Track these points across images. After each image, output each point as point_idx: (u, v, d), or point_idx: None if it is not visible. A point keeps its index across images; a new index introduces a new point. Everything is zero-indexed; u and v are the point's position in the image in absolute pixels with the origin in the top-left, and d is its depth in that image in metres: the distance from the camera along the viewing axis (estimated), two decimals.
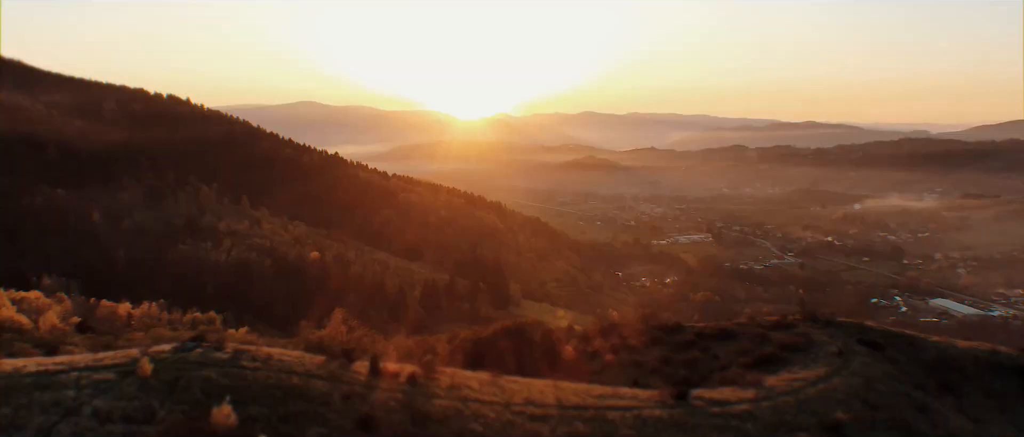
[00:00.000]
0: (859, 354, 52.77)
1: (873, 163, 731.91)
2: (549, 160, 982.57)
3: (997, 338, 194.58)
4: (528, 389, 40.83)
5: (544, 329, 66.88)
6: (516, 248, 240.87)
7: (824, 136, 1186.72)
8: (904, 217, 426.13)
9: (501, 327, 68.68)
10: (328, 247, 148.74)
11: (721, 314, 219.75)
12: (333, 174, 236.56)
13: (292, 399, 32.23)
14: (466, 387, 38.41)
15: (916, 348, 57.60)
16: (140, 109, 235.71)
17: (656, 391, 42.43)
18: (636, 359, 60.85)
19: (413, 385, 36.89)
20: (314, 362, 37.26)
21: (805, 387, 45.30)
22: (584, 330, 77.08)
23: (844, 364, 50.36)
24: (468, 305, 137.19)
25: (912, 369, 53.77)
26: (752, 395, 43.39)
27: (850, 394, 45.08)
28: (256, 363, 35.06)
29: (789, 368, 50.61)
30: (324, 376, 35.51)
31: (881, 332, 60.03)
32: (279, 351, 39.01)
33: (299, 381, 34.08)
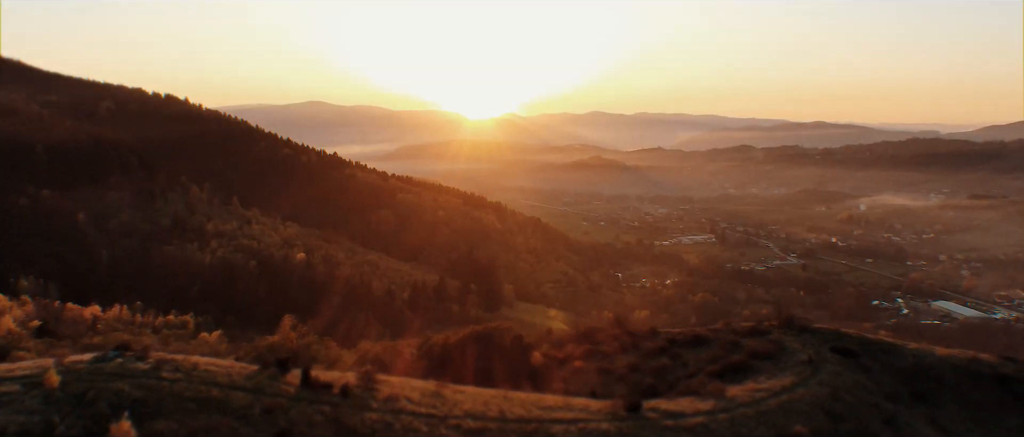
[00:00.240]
0: (830, 362, 51.03)
1: (880, 163, 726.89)
2: (555, 160, 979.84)
3: (998, 341, 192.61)
4: (473, 400, 39.26)
5: (514, 335, 65.37)
6: (514, 249, 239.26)
7: (833, 136, 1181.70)
8: (910, 218, 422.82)
9: (470, 332, 67.31)
10: (318, 248, 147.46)
11: (719, 316, 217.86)
12: (330, 174, 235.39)
13: (206, 412, 30.76)
14: (404, 399, 36.85)
15: (892, 356, 55.81)
16: (137, 109, 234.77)
17: (609, 402, 40.83)
18: (605, 366, 59.32)
19: (345, 397, 35.38)
20: (243, 372, 35.80)
21: (768, 398, 43.59)
22: (558, 335, 75.61)
23: (812, 373, 48.62)
24: (457, 307, 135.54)
25: (885, 378, 51.99)
26: (710, 406, 41.73)
27: (814, 405, 43.35)
28: (178, 374, 33.62)
29: (756, 377, 48.95)
30: (249, 388, 34.03)
31: (857, 339, 58.22)
32: (209, 361, 37.58)
33: (219, 393, 32.61)
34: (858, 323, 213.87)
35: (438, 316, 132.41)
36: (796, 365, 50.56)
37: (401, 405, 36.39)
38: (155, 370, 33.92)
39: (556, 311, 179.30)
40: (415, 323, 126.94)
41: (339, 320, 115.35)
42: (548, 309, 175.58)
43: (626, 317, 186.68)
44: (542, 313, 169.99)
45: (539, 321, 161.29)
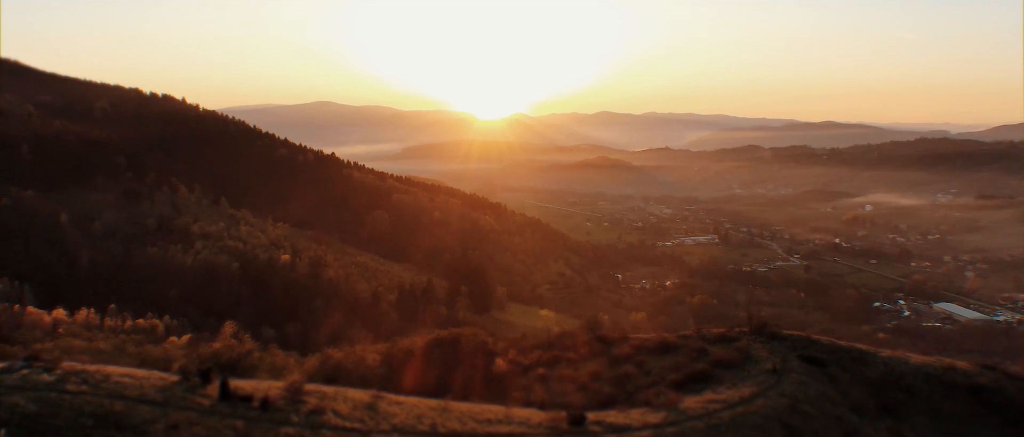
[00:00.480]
0: (795, 372, 49.11)
1: (888, 164, 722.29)
2: (561, 160, 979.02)
3: (999, 344, 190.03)
4: (407, 413, 37.60)
5: (479, 340, 63.69)
6: (511, 250, 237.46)
7: (842, 136, 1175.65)
8: (916, 218, 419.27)
9: (435, 338, 65.61)
10: (306, 250, 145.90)
11: (717, 318, 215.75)
12: (327, 175, 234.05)
13: (102, 428, 29.21)
14: (331, 411, 35.20)
15: (863, 365, 53.82)
16: (133, 109, 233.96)
17: (551, 415, 39.19)
18: (568, 373, 57.52)
19: (264, 410, 33.74)
20: (157, 384, 34.24)
21: (722, 410, 41.76)
22: (528, 341, 73.90)
23: (775, 383, 46.76)
24: (445, 309, 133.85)
25: (853, 388, 50.07)
26: (660, 419, 39.99)
27: (770, 417, 41.52)
28: (83, 387, 32.10)
29: (715, 387, 47.12)
30: (158, 401, 32.44)
31: (827, 347, 56.15)
32: (125, 371, 36.01)
33: (123, 407, 31.03)
34: (858, 325, 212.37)
35: (425, 319, 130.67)
36: (760, 374, 48.69)
37: (325, 419, 34.76)
38: (60, 382, 32.36)
39: (549, 313, 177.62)
40: (401, 326, 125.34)
41: (320, 323, 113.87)
42: (541, 311, 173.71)
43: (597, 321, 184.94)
44: (535, 315, 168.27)
45: (531, 323, 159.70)
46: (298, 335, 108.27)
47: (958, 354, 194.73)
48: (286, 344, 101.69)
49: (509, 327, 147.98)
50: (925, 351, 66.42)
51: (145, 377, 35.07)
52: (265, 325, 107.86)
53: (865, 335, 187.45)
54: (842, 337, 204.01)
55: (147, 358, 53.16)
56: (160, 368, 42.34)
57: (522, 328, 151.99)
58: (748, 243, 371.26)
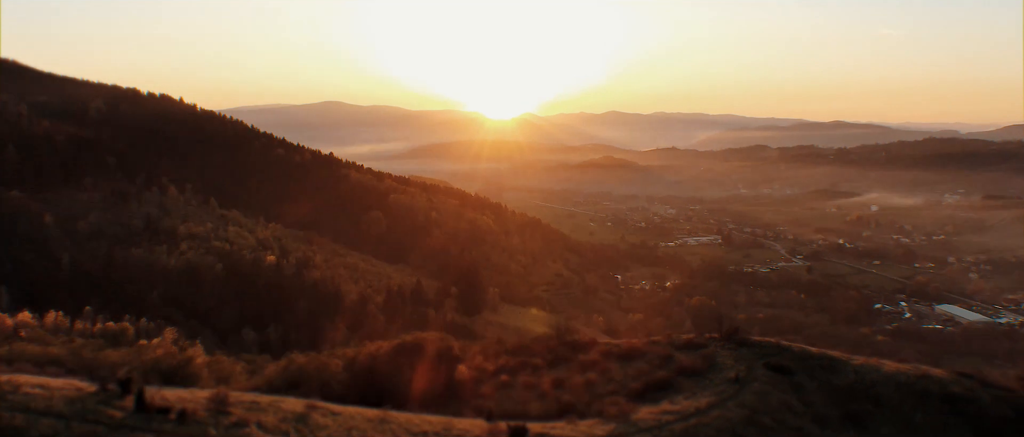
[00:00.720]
0: (758, 381, 47.48)
1: (895, 163, 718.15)
2: (568, 160, 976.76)
3: (1000, 346, 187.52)
4: (340, 425, 36.10)
5: (443, 346, 62.20)
6: (508, 251, 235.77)
7: (852, 136, 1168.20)
8: (921, 219, 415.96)
9: (399, 344, 64.08)
10: (295, 251, 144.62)
11: (715, 319, 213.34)
12: (323, 175, 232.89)
13: None
14: (254, 424, 33.64)
15: (832, 373, 52.07)
16: (129, 109, 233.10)
17: (492, 427, 37.66)
18: (531, 380, 55.98)
19: (181, 423, 32.18)
20: (70, 395, 32.78)
21: (675, 421, 40.20)
22: (497, 346, 72.30)
23: (735, 393, 45.16)
24: (433, 311, 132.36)
25: (819, 398, 48.35)
26: (607, 431, 38.46)
27: (723, 430, 39.90)
28: None
29: (674, 397, 45.53)
30: (66, 414, 30.93)
31: (797, 354, 54.38)
32: (37, 381, 34.55)
33: (23, 421, 29.51)
34: (857, 327, 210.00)
35: (413, 321, 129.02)
36: (721, 383, 47.14)
37: (247, 432, 33.18)
38: None
39: (543, 314, 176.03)
40: (387, 329, 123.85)
41: (302, 326, 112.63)
42: (535, 312, 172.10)
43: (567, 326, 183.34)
44: (528, 317, 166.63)
45: (523, 325, 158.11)
46: (279, 338, 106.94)
47: (958, 357, 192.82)
48: (267, 347, 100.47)
49: (499, 329, 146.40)
50: (901, 359, 64.66)
51: (60, 387, 33.60)
52: (247, 327, 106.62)
53: (864, 337, 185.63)
54: (841, 340, 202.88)
55: (92, 364, 51.53)
56: (100, 375, 40.97)
57: (513, 330, 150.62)
58: (751, 244, 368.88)
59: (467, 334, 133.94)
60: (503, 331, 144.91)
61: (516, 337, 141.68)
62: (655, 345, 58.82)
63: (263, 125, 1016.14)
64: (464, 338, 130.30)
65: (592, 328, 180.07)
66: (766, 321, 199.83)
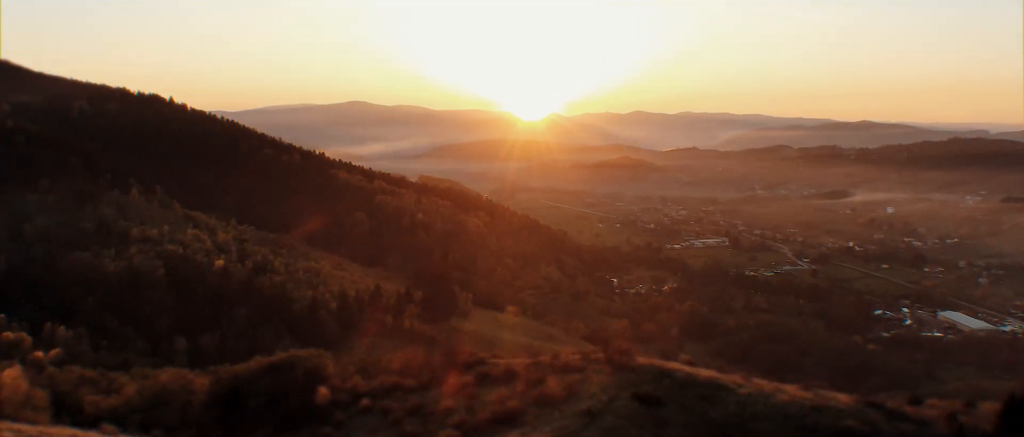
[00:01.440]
0: (615, 414, 42.44)
1: (918, 164, 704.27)
2: (586, 160, 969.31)
3: (999, 356, 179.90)
4: None
5: (311, 366, 57.71)
6: (498, 253, 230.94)
7: (878, 136, 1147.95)
8: (937, 221, 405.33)
9: (266, 364, 59.75)
10: (256, 253, 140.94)
11: (705, 325, 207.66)
12: (310, 175, 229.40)
13: None
14: None
15: (712, 404, 46.75)
16: (114, 109, 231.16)
17: None
18: (391, 406, 51.38)
19: None
20: None
21: None
22: (379, 365, 67.55)
23: (580, 428, 40.28)
24: (391, 318, 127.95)
25: (685, 433, 43.37)
26: None
27: None
28: None
29: (510, 432, 40.78)
30: None
31: (680, 380, 48.78)
32: None
33: None
34: (851, 335, 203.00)
35: (367, 328, 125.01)
36: (570, 416, 42.20)
37: None
38: None
39: (521, 319, 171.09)
40: (339, 336, 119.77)
41: (241, 334, 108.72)
42: (511, 318, 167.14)
43: (454, 347, 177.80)
44: (501, 322, 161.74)
45: (492, 332, 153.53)
46: (214, 347, 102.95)
47: (955, 367, 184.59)
48: (198, 357, 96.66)
49: (464, 336, 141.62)
50: (803, 385, 59.10)
51: None
52: (179, 335, 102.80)
53: (854, 346, 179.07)
54: (831, 348, 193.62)
55: None
56: None
57: (480, 337, 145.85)
58: (759, 246, 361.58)
59: (425, 342, 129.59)
60: (468, 338, 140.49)
61: (480, 345, 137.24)
62: (536, 366, 53.91)
63: (288, 125, 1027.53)
64: (420, 346, 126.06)
65: (570, 335, 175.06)
66: (757, 327, 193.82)
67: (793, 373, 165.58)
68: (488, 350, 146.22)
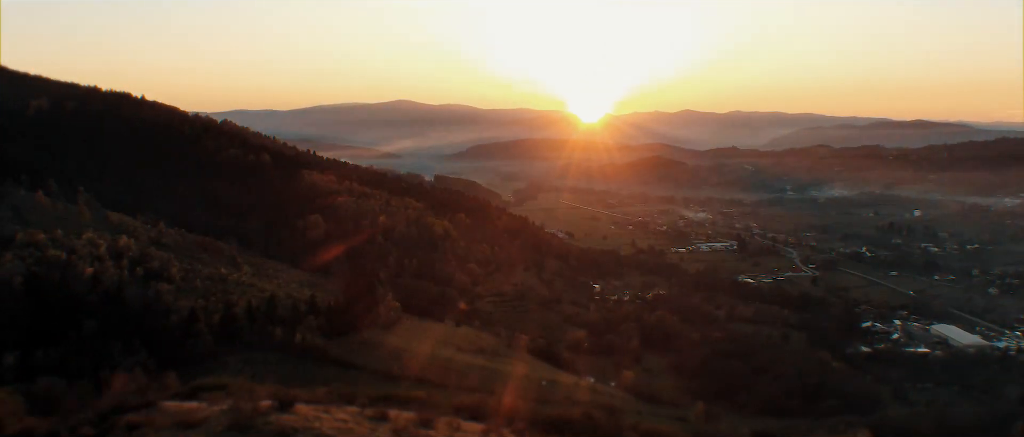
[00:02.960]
0: None
1: (959, 165, 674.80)
2: (620, 160, 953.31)
3: (978, 374, 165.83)
4: None
5: None
6: (467, 258, 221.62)
7: (932, 136, 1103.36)
8: (962, 225, 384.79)
9: None
10: (156, 260, 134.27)
11: (671, 337, 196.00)
12: (274, 176, 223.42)
13: None
14: None
15: None
16: (73, 108, 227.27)
17: None
18: None
19: None
20: None
21: None
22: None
23: None
24: (281, 331, 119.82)
25: None
26: None
27: None
28: None
29: None
30: None
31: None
32: None
33: None
34: (835, 348, 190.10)
35: (253, 343, 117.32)
36: None
37: None
38: None
39: (455, 331, 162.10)
40: (213, 351, 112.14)
41: (87, 350, 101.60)
42: (443, 329, 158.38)
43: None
44: (428, 334, 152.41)
45: (416, 346, 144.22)
46: (56, 363, 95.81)
47: (934, 386, 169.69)
48: (24, 373, 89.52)
49: (371, 350, 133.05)
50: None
51: None
52: (11, 350, 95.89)
53: (817, 364, 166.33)
54: (790, 365, 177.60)
55: None
56: None
57: (392, 352, 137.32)
58: (767, 250, 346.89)
59: (316, 358, 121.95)
60: (372, 354, 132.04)
61: (383, 359, 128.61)
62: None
63: (334, 123, 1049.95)
64: (301, 365, 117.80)
65: (515, 348, 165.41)
66: (720, 341, 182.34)
67: (744, 392, 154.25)
68: (392, 364, 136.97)
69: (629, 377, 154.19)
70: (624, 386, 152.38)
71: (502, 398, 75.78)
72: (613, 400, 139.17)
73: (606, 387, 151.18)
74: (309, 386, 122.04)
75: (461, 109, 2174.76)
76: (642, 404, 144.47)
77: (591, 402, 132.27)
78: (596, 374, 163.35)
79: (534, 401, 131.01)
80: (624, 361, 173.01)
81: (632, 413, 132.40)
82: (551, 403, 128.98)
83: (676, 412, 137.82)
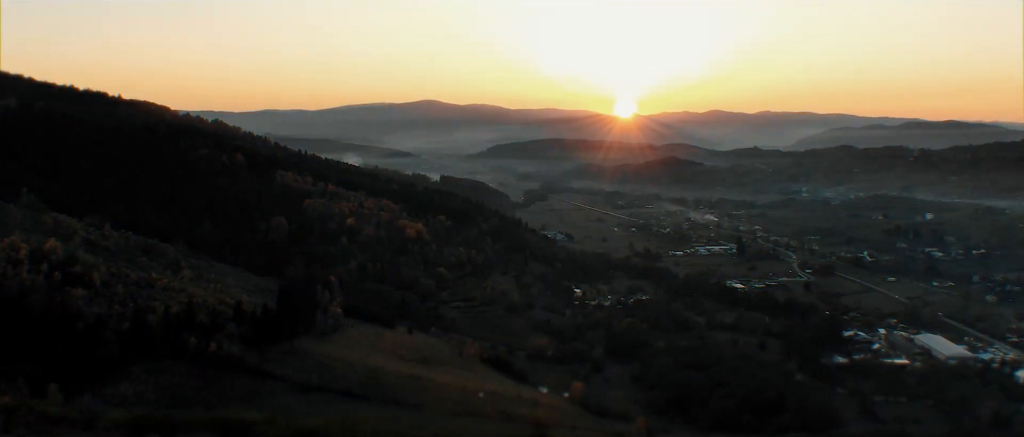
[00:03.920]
0: None
1: (981, 166, 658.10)
2: (637, 159, 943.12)
3: (952, 389, 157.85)
4: None
5: None
6: (437, 263, 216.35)
7: (963, 136, 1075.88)
8: (972, 229, 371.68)
9: None
10: (80, 264, 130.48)
11: (635, 347, 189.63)
12: (240, 177, 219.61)
13: None
14: None
15: None
16: (41, 107, 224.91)
17: None
18: None
19: None
20: None
21: None
22: None
23: None
24: (196, 339, 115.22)
25: None
26: None
27: None
28: None
29: None
30: None
31: None
32: None
33: None
34: (812, 358, 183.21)
35: (161, 351, 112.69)
36: None
37: None
38: None
39: (403, 338, 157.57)
40: (119, 359, 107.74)
41: None
42: (392, 337, 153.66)
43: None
44: (372, 342, 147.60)
45: (343, 353, 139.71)
46: None
47: (908, 401, 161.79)
48: None
49: (297, 361, 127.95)
50: None
51: None
52: None
53: (779, 376, 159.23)
54: (752, 377, 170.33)
55: None
56: None
57: (322, 358, 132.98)
58: (766, 254, 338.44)
59: (230, 368, 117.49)
60: (296, 363, 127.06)
61: (305, 369, 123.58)
62: None
63: (359, 123, 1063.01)
64: (213, 375, 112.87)
65: (465, 356, 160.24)
66: (683, 350, 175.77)
67: (699, 406, 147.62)
68: (312, 375, 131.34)
69: (579, 388, 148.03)
70: (574, 397, 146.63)
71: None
72: (552, 413, 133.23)
73: (554, 398, 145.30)
74: (216, 397, 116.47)
75: (488, 108, 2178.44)
76: (586, 417, 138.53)
77: (525, 416, 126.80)
78: (552, 384, 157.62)
79: (449, 413, 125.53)
80: (584, 370, 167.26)
81: (566, 428, 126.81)
82: (476, 417, 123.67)
83: (616, 427, 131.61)
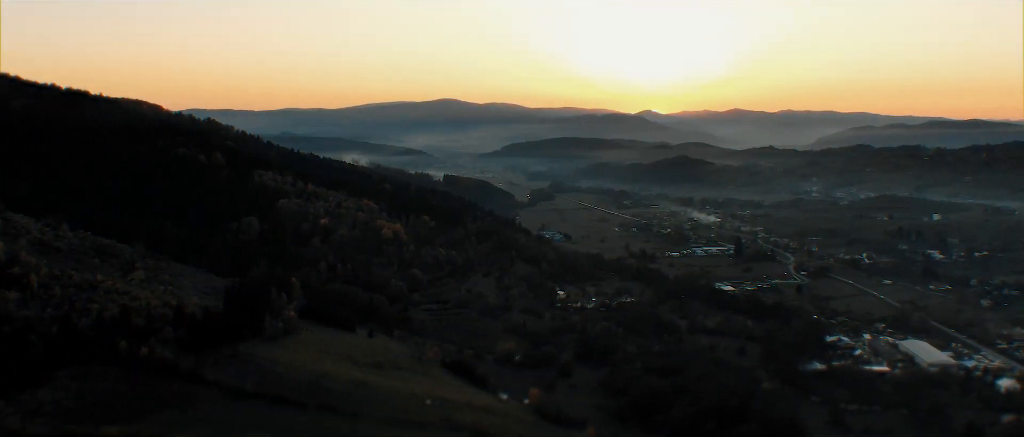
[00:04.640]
0: None
1: (996, 166, 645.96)
2: (650, 158, 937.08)
3: (928, 398, 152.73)
4: None
5: None
6: (410, 262, 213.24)
7: (986, 136, 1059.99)
8: (977, 231, 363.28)
9: None
10: (28, 264, 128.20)
11: (605, 352, 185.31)
12: (218, 177, 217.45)
13: None
14: None
15: None
16: (18, 106, 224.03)
17: None
18: None
19: None
20: None
21: None
22: None
23: None
24: (128, 343, 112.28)
25: None
26: None
27: None
28: None
29: None
30: None
31: None
32: None
33: None
34: (790, 364, 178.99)
35: (97, 356, 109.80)
36: None
37: None
38: None
39: (362, 342, 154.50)
40: (43, 365, 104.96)
41: None
42: (350, 340, 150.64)
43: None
44: (327, 346, 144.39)
45: (293, 358, 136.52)
46: None
47: (883, 411, 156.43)
48: None
49: (234, 366, 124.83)
50: None
51: None
52: None
53: (745, 384, 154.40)
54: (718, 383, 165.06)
55: None
56: None
57: (267, 363, 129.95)
58: (763, 256, 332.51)
59: (163, 374, 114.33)
60: (235, 369, 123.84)
61: (242, 378, 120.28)
62: None
63: (376, 122, 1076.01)
64: (144, 381, 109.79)
65: (425, 361, 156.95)
66: (653, 356, 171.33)
67: (662, 413, 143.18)
68: (248, 381, 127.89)
69: (536, 395, 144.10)
70: (532, 403, 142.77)
71: None
72: (502, 420, 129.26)
73: (510, 405, 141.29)
74: (142, 405, 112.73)
75: (507, 107, 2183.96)
76: (539, 425, 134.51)
77: (469, 424, 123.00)
78: (516, 389, 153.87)
79: (386, 422, 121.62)
80: (551, 375, 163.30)
81: (511, 436, 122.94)
82: (416, 425, 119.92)
83: (568, 435, 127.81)
